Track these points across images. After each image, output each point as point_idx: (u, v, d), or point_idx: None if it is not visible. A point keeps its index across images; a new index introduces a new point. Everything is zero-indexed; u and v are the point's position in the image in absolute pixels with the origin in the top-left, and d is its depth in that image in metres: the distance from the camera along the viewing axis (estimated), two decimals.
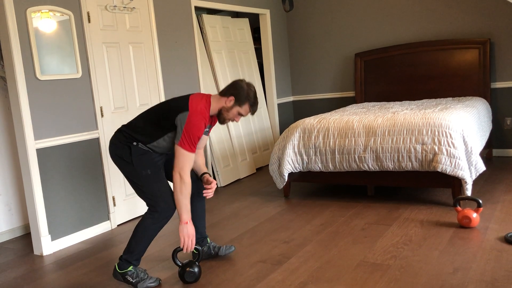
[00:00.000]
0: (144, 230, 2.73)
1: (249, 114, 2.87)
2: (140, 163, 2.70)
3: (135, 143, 2.71)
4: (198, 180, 2.97)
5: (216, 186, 2.93)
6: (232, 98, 2.75)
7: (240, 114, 2.81)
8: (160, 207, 2.70)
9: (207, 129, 2.87)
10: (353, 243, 3.17)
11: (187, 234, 2.70)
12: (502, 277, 2.48)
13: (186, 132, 2.62)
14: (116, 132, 2.82)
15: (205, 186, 2.91)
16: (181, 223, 2.69)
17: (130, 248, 2.75)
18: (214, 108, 2.78)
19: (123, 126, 2.82)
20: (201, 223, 3.05)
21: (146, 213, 2.76)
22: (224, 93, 2.79)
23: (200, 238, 3.07)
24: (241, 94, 2.74)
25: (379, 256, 2.91)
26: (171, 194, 2.75)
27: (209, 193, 2.89)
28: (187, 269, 2.77)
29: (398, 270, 2.68)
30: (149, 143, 2.72)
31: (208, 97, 2.79)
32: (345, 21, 6.27)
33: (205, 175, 2.93)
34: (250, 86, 2.79)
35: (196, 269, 2.79)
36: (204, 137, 2.93)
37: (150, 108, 2.86)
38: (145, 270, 2.82)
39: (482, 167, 3.72)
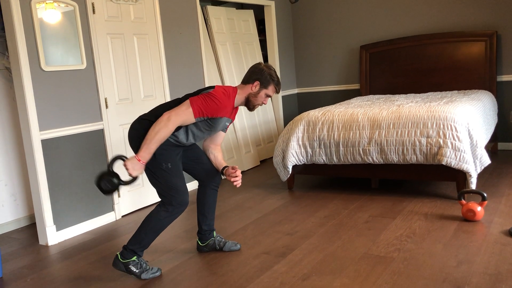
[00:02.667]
0: (156, 222, 2.73)
1: (275, 94, 2.89)
2: (161, 154, 2.68)
3: None
4: (216, 175, 2.98)
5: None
6: (257, 83, 2.78)
7: (268, 96, 2.84)
8: (176, 201, 2.70)
9: (227, 123, 2.86)
10: (356, 236, 3.18)
11: (133, 170, 2.58)
12: (506, 270, 2.48)
13: (203, 98, 2.62)
14: (138, 120, 2.78)
15: (231, 175, 2.82)
16: (136, 157, 2.57)
17: (138, 239, 2.74)
18: (240, 97, 2.81)
19: (145, 115, 2.79)
20: (211, 216, 3.07)
21: (159, 205, 2.75)
22: (247, 80, 2.81)
23: (208, 230, 3.08)
24: (264, 76, 2.78)
25: (383, 249, 2.91)
26: (186, 189, 2.76)
27: (237, 180, 2.81)
28: (106, 176, 2.60)
29: (401, 263, 2.69)
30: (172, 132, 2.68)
31: (233, 87, 2.83)
32: (351, 13, 6.23)
33: (226, 168, 2.89)
34: (269, 66, 2.84)
35: (116, 181, 2.61)
36: (221, 133, 2.95)
37: (175, 99, 2.83)
38: (146, 261, 2.83)
39: (487, 161, 3.71)
